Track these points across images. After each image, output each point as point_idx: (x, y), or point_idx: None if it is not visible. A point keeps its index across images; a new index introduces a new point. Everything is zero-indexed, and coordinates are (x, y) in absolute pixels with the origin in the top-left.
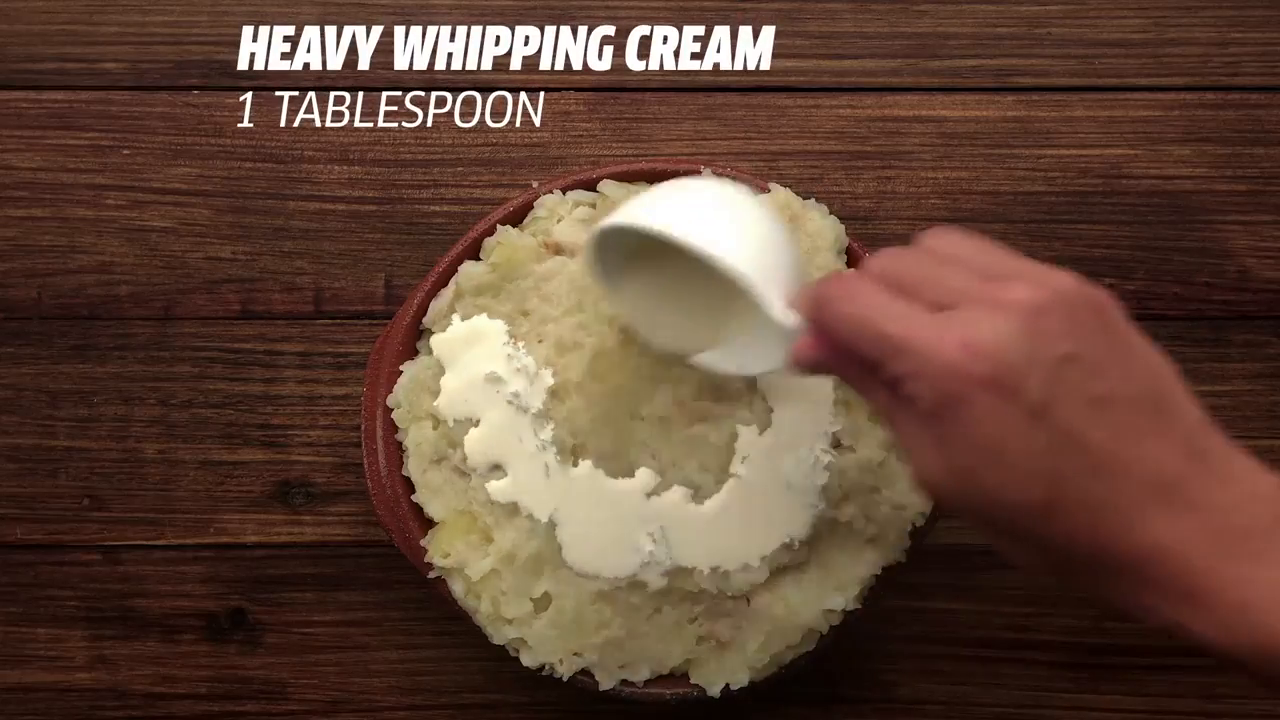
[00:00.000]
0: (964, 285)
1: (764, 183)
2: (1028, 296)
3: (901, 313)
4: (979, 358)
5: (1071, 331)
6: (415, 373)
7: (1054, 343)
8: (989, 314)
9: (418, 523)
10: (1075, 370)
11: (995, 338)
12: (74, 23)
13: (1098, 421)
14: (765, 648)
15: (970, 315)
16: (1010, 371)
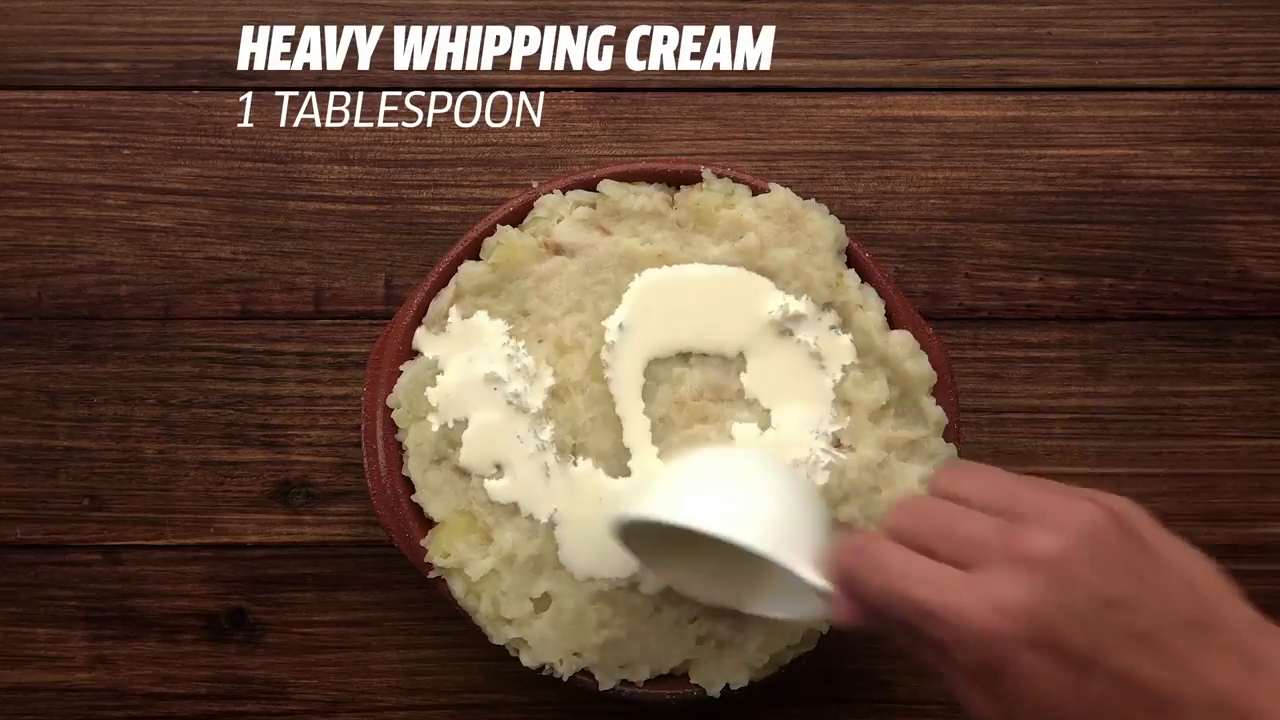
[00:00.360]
0: (984, 536)
1: (764, 182)
2: (1048, 547)
3: (930, 577)
4: (1012, 620)
5: (1100, 572)
6: (415, 373)
7: (1084, 591)
8: (1013, 572)
9: (418, 523)
10: (1112, 612)
11: (1024, 598)
12: (74, 23)
13: (1147, 657)
14: (765, 648)
15: (996, 576)
16: (1047, 629)
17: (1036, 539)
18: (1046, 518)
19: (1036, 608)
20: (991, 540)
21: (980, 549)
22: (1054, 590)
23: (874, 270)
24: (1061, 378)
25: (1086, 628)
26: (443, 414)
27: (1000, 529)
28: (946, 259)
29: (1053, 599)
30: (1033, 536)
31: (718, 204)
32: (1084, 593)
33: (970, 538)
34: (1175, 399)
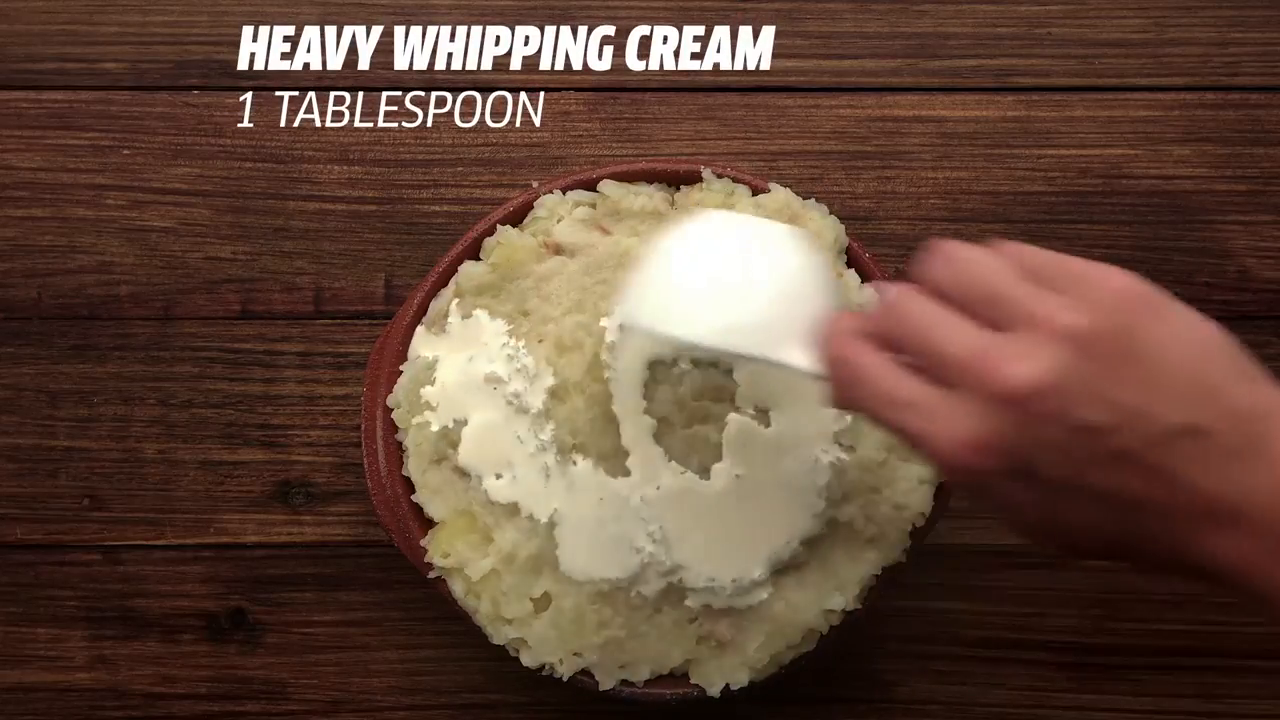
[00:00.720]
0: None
1: (764, 182)
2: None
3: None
4: (984, 455)
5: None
6: (415, 373)
7: (1056, 424)
8: (985, 405)
9: (418, 523)
10: (1088, 438)
11: (995, 434)
12: (74, 23)
13: (1130, 474)
14: (765, 648)
15: (968, 408)
16: (1021, 461)
17: (1010, 369)
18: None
19: (1008, 443)
20: (966, 363)
21: (956, 371)
22: (1026, 426)
23: (874, 270)
24: None
25: (1061, 456)
26: (442, 414)
27: (975, 353)
28: None
29: (1025, 434)
30: (1006, 366)
31: (718, 204)
32: (1056, 425)
33: (944, 357)
34: None
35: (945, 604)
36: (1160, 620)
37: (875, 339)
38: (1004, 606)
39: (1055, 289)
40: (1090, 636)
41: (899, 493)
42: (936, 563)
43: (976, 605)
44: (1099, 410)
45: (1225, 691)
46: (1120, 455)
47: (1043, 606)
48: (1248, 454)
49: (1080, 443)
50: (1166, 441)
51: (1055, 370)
